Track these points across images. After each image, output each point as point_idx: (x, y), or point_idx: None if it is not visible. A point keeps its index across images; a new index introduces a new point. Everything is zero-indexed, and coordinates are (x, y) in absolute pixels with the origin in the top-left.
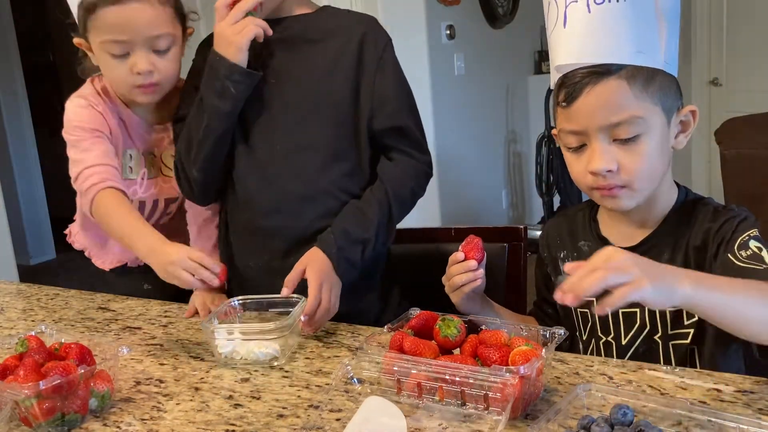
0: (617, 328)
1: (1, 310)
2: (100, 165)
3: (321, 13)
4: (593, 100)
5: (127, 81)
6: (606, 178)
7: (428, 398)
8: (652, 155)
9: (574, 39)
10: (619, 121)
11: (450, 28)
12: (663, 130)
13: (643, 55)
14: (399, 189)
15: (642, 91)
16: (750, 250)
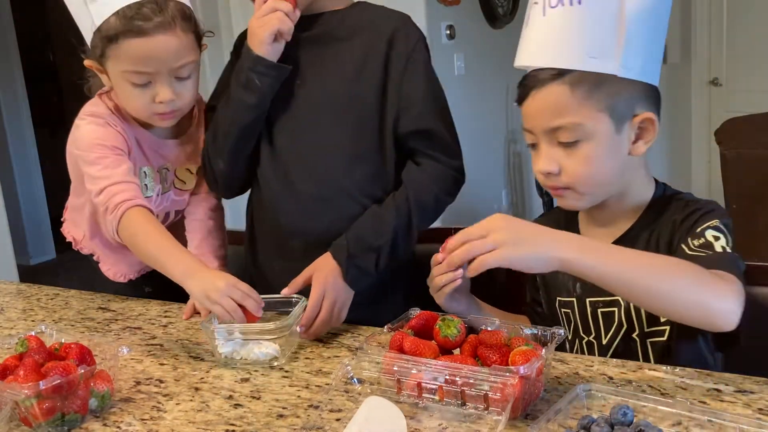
0: (597, 328)
1: (1, 310)
2: (127, 182)
3: (354, 9)
4: (537, 103)
5: (147, 109)
6: (550, 179)
7: (428, 398)
8: (595, 161)
9: (530, 41)
10: (558, 125)
11: (450, 28)
12: (610, 137)
13: (595, 60)
14: (421, 195)
15: (586, 97)
16: (703, 239)
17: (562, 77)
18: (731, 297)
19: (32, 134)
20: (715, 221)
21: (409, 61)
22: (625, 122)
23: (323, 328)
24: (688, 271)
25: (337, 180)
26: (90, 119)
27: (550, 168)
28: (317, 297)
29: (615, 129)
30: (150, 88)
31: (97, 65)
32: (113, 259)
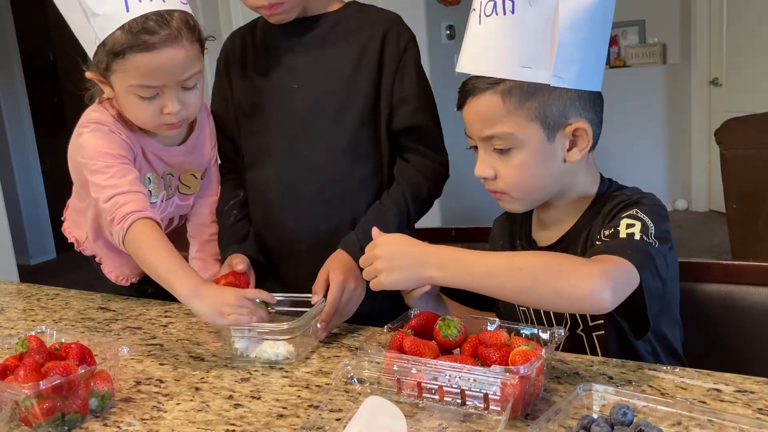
0: (550, 324)
1: (1, 310)
2: (135, 192)
3: (347, 10)
4: (471, 111)
5: (155, 120)
6: (486, 184)
7: (428, 398)
8: (528, 168)
9: (467, 48)
10: (490, 134)
11: (450, 28)
12: (542, 146)
13: (528, 70)
14: (416, 190)
15: (517, 107)
16: (613, 228)
17: (495, 86)
18: (596, 278)
19: (32, 134)
20: (634, 210)
21: (401, 61)
22: (558, 131)
23: (339, 321)
24: (547, 262)
25: (340, 181)
26: (94, 126)
27: (485, 173)
28: (338, 292)
29: (547, 138)
30: (157, 99)
31: (101, 77)
32: (116, 262)
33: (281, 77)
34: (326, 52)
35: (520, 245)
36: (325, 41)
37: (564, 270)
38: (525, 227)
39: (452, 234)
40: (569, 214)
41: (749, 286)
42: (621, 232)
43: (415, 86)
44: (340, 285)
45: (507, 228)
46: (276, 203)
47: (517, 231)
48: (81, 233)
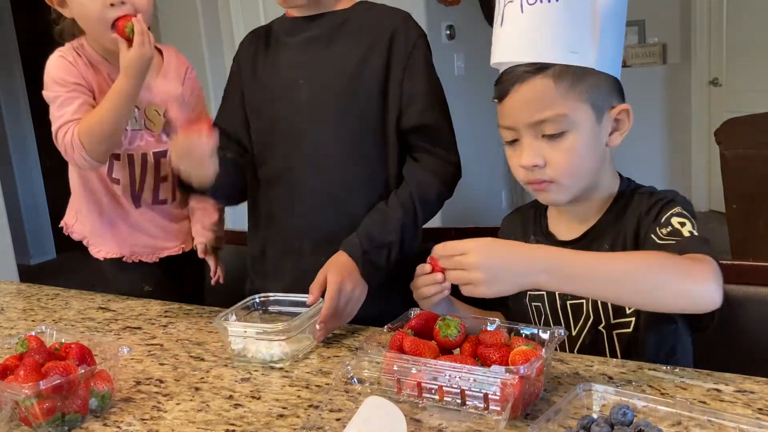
0: (566, 321)
1: (1, 310)
2: (76, 120)
3: (357, 8)
4: (520, 97)
5: (102, 16)
6: (534, 173)
7: (428, 398)
8: (579, 152)
9: (507, 37)
10: (543, 118)
11: (450, 28)
12: (592, 128)
13: (576, 54)
14: (424, 190)
15: (569, 89)
16: (670, 226)
17: (546, 71)
18: (711, 277)
19: (32, 134)
20: (677, 208)
21: (411, 58)
22: (604, 114)
23: (337, 324)
24: (666, 263)
25: (343, 177)
26: (53, 58)
27: (536, 161)
28: (335, 293)
29: (596, 120)
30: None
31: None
32: (99, 233)
33: (288, 72)
34: (334, 48)
35: (534, 240)
36: (333, 38)
37: (682, 271)
38: (541, 222)
39: (452, 234)
40: (593, 209)
41: (749, 286)
42: (682, 231)
43: (425, 84)
44: (337, 287)
45: (518, 224)
46: (277, 199)
47: (531, 226)
48: (72, 215)
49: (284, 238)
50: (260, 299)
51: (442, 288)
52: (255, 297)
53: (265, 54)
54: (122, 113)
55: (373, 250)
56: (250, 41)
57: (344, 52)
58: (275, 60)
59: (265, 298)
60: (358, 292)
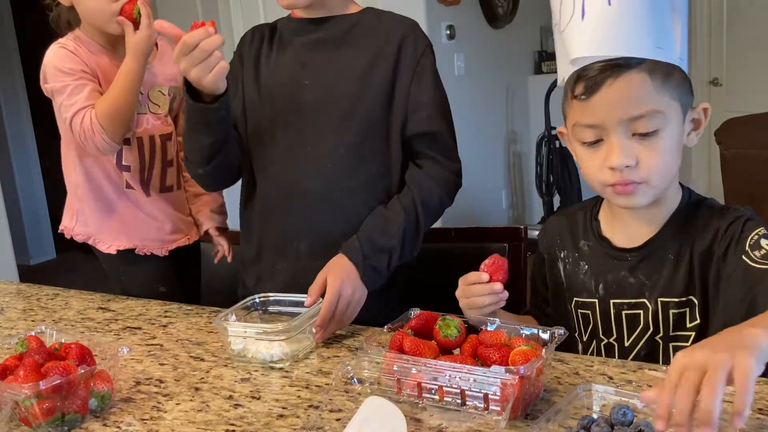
0: (620, 330)
1: (1, 310)
2: (90, 106)
3: (364, 15)
4: (614, 92)
5: (104, 8)
6: (623, 174)
7: (428, 398)
8: (670, 151)
9: (593, 31)
10: (640, 114)
11: (450, 28)
12: (679, 127)
13: (662, 50)
14: (427, 197)
15: (662, 85)
16: (763, 249)
17: (639, 66)
18: None
19: (32, 134)
20: (762, 229)
21: (418, 67)
22: (687, 112)
23: (336, 328)
24: None
25: (343, 180)
26: (54, 48)
27: (628, 161)
28: (334, 297)
29: (683, 118)
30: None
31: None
32: (108, 229)
33: (293, 72)
34: (341, 51)
35: (586, 245)
36: (340, 41)
37: None
38: (592, 227)
39: (452, 234)
40: (657, 216)
41: None
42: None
43: (432, 92)
44: (336, 290)
45: (566, 228)
46: (276, 199)
47: (581, 230)
48: (71, 218)
49: (280, 239)
50: (260, 299)
51: (500, 299)
52: (255, 297)
53: (269, 51)
54: (134, 93)
55: (374, 255)
56: (252, 36)
57: (352, 55)
58: (279, 59)
59: (265, 298)
60: (358, 296)
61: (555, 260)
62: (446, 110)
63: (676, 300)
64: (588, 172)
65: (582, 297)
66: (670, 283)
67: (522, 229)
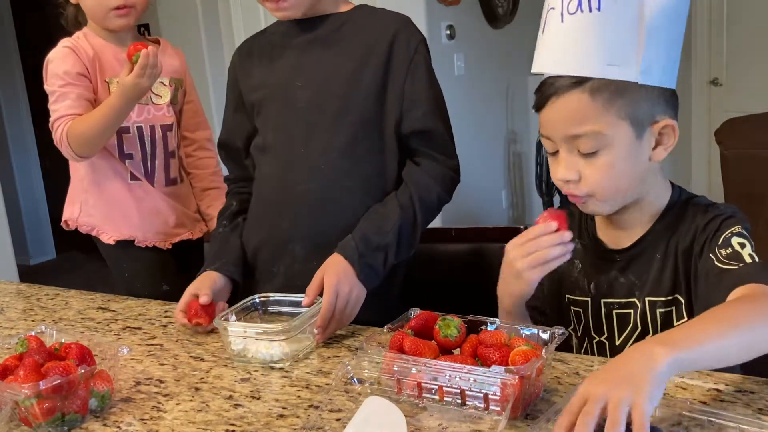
0: (611, 329)
1: (1, 310)
2: (68, 115)
3: (356, 12)
4: (556, 111)
5: (102, 3)
6: (569, 187)
7: (428, 398)
8: (615, 169)
9: (547, 48)
10: (578, 133)
11: (450, 28)
12: (630, 145)
13: (615, 68)
14: (425, 194)
15: (607, 105)
16: (730, 248)
17: (582, 85)
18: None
19: (32, 134)
20: (737, 227)
21: (412, 63)
22: (646, 129)
23: (336, 327)
24: (755, 316)
25: (338, 180)
26: (57, 48)
27: (569, 176)
28: (332, 296)
29: (635, 136)
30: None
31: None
32: (112, 220)
33: (286, 74)
34: (332, 50)
35: (580, 244)
36: (332, 40)
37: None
38: (588, 227)
39: (452, 234)
40: (644, 217)
41: None
42: (743, 254)
43: (427, 89)
44: (333, 289)
45: None
46: (271, 200)
47: (576, 230)
48: (75, 209)
49: (276, 240)
50: (260, 299)
51: (568, 249)
52: (255, 297)
53: (261, 57)
54: (110, 125)
55: (369, 253)
56: (243, 49)
57: (343, 54)
58: (272, 62)
59: (265, 298)
60: (356, 294)
61: None
62: (442, 107)
63: (663, 299)
64: (553, 179)
65: (575, 295)
66: (657, 283)
67: (522, 229)
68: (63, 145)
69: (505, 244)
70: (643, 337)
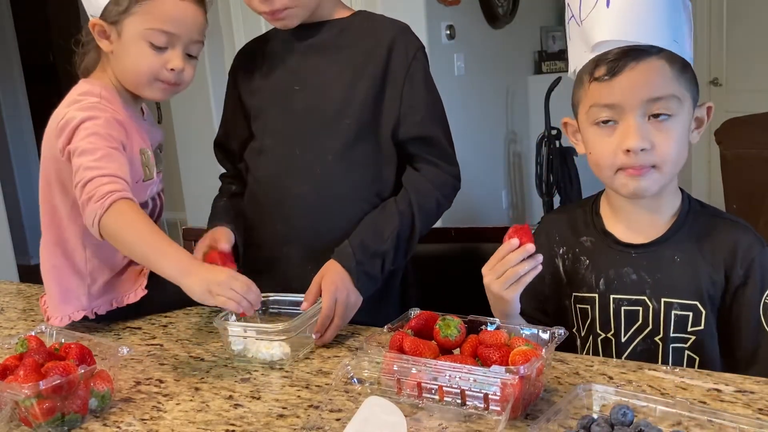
0: (618, 325)
1: (1, 310)
2: (119, 178)
3: (355, 18)
4: (637, 75)
5: (154, 73)
6: (638, 157)
7: (428, 398)
8: (681, 139)
9: (617, 18)
10: (660, 96)
11: (450, 28)
12: (689, 119)
13: (678, 44)
14: (424, 200)
15: (679, 75)
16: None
17: (660, 53)
18: None
19: (32, 134)
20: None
21: (410, 70)
22: (695, 108)
23: (334, 333)
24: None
25: (333, 185)
26: (85, 103)
27: (644, 144)
28: (330, 302)
29: (691, 113)
30: (165, 53)
31: (107, 25)
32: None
33: (284, 79)
34: (330, 56)
35: (588, 240)
36: (330, 45)
37: None
38: (594, 222)
39: (452, 234)
40: (659, 211)
41: None
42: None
43: (425, 95)
44: (332, 295)
45: (565, 224)
46: (267, 203)
47: (582, 226)
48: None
49: (271, 244)
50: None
51: (537, 262)
52: None
53: (261, 61)
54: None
55: (366, 260)
56: (243, 53)
57: (342, 60)
58: (271, 67)
59: (265, 298)
60: (353, 299)
61: (553, 257)
62: (440, 114)
63: (681, 302)
64: (599, 157)
65: (582, 292)
66: (676, 285)
67: None
68: (93, 224)
69: None
70: (651, 337)
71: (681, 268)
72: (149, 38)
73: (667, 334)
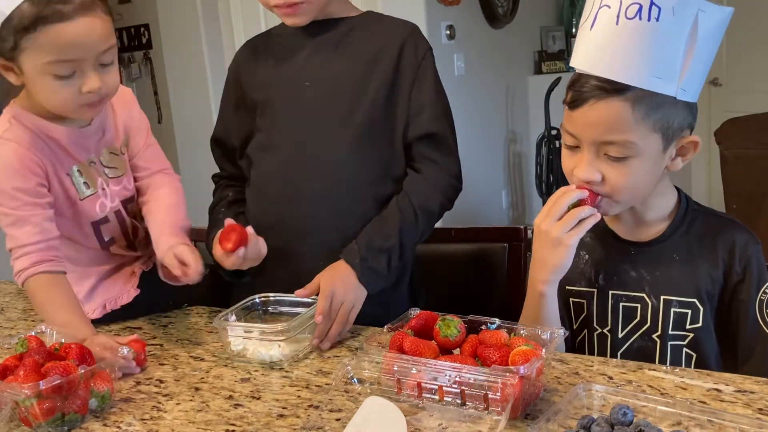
0: (615, 321)
1: (1, 310)
2: (31, 244)
3: (366, 18)
4: (593, 114)
5: (74, 101)
6: (590, 185)
7: (428, 398)
8: (638, 176)
9: (595, 46)
10: (611, 140)
11: (450, 28)
12: (657, 155)
13: (660, 81)
14: (426, 202)
15: (644, 117)
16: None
17: (625, 93)
18: None
19: None
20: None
21: (419, 71)
22: (672, 142)
23: (336, 333)
24: None
25: (343, 181)
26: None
27: (592, 177)
28: (325, 301)
29: (663, 149)
30: (75, 78)
31: (4, 62)
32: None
33: (294, 74)
34: (341, 52)
35: (588, 236)
36: (341, 43)
37: None
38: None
39: (452, 234)
40: (649, 215)
41: None
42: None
43: (434, 95)
44: (327, 296)
45: None
46: (276, 200)
47: None
48: None
49: (280, 241)
50: (260, 299)
51: (594, 210)
52: (255, 297)
53: (266, 57)
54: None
55: (371, 256)
56: (247, 48)
57: (352, 58)
58: (280, 62)
59: (266, 298)
60: (352, 296)
61: None
62: (447, 113)
63: (680, 299)
64: (564, 170)
65: (579, 286)
66: (676, 283)
67: (522, 229)
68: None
69: (505, 244)
70: (649, 334)
71: (680, 266)
72: (52, 71)
73: (665, 332)
